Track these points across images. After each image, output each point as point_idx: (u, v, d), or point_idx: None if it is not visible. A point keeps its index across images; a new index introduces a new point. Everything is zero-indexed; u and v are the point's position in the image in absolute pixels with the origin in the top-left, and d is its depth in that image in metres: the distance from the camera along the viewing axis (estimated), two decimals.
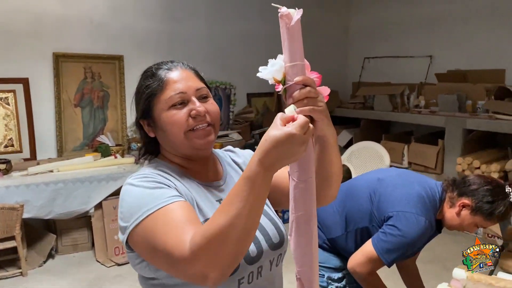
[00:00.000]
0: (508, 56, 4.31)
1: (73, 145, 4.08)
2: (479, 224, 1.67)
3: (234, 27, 5.00)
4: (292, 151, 0.76)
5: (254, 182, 0.76)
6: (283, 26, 0.83)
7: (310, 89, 0.82)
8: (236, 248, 0.79)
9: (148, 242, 0.87)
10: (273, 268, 1.03)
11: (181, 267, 0.82)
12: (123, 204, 0.95)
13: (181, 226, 0.84)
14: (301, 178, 0.84)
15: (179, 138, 0.99)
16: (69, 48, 3.99)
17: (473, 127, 4.01)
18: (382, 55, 5.51)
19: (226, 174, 1.10)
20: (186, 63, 1.07)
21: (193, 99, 0.99)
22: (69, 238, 3.73)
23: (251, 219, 0.78)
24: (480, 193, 1.62)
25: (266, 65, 0.97)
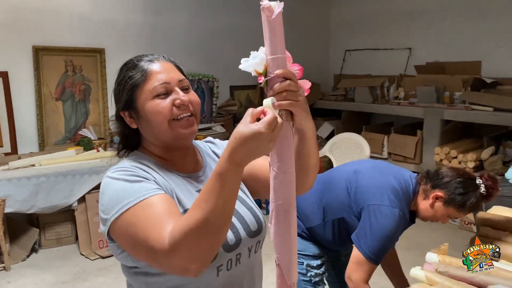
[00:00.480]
0: (483, 49, 4.42)
1: (55, 139, 4.06)
2: (451, 215, 1.73)
3: (216, 19, 5.01)
4: (260, 148, 0.78)
5: (225, 178, 0.80)
6: (265, 19, 0.84)
7: (290, 83, 0.83)
8: (213, 240, 0.82)
9: (128, 235, 0.90)
10: (251, 255, 1.07)
11: (162, 261, 0.85)
12: (103, 197, 0.97)
13: (160, 220, 0.86)
14: (281, 169, 0.86)
15: (163, 127, 1.00)
16: (49, 41, 3.95)
17: (451, 117, 4.11)
18: (362, 47, 5.58)
19: (205, 165, 1.13)
20: (167, 56, 1.09)
21: (176, 89, 1.02)
22: (52, 232, 3.73)
23: (225, 212, 0.82)
24: (453, 185, 1.68)
25: (249, 57, 1.00)
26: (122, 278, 1.10)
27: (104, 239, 3.66)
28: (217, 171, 0.81)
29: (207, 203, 0.80)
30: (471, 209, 1.69)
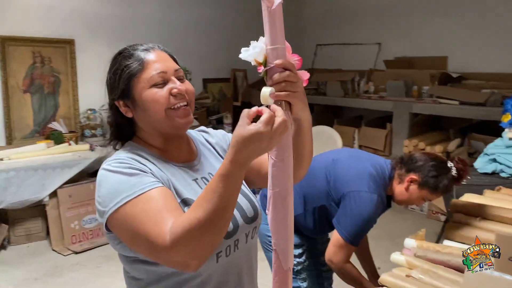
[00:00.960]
0: (450, 44, 4.58)
1: (23, 132, 3.94)
2: (425, 197, 1.80)
3: (189, 12, 4.97)
4: (262, 147, 0.80)
5: (228, 179, 0.81)
6: (265, 9, 0.85)
7: (289, 73, 0.85)
8: (214, 239, 0.84)
9: (128, 228, 0.90)
10: (248, 241, 1.09)
11: (162, 255, 0.86)
12: (100, 189, 0.97)
13: (160, 215, 0.87)
14: (279, 157, 0.88)
15: (160, 115, 1.01)
16: (16, 31, 3.82)
17: (419, 111, 4.25)
18: (333, 42, 5.67)
19: (200, 154, 1.14)
20: (162, 46, 1.09)
21: (173, 78, 1.03)
22: (22, 228, 3.62)
23: (226, 212, 0.84)
24: (426, 168, 1.75)
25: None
26: (96, 273, 1.10)
27: (77, 234, 3.60)
28: (220, 173, 0.82)
29: (210, 203, 0.82)
30: (444, 191, 1.76)
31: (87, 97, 4.28)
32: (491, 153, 2.34)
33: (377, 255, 3.39)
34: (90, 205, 3.68)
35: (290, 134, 0.88)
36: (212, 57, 5.11)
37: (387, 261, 3.36)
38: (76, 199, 3.61)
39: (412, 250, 1.55)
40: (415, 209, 4.38)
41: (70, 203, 3.57)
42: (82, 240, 3.62)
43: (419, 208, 4.34)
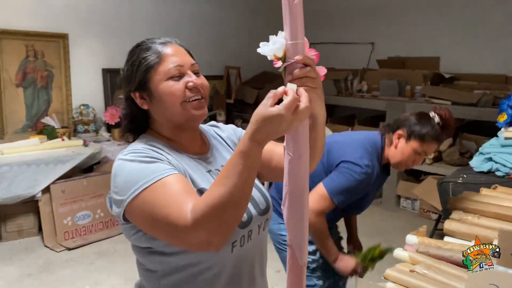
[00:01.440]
0: (442, 45, 4.63)
1: (15, 127, 3.89)
2: (417, 149, 1.81)
3: (182, 8, 4.95)
4: (280, 129, 0.81)
5: (247, 156, 0.83)
6: (285, 3, 0.84)
7: (310, 69, 0.85)
8: (234, 215, 0.86)
9: (147, 214, 0.91)
10: (260, 232, 1.11)
11: (184, 236, 0.86)
12: (117, 179, 0.97)
13: (180, 197, 0.89)
14: (296, 154, 0.88)
15: (176, 107, 1.03)
16: (9, 25, 3.76)
17: (412, 110, 4.28)
18: (326, 41, 5.69)
19: (212, 147, 1.16)
20: (178, 41, 1.11)
21: (189, 72, 1.05)
22: (14, 223, 3.58)
23: (246, 187, 0.85)
24: (409, 121, 1.82)
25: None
26: (90, 270, 1.10)
27: (70, 230, 3.57)
28: (239, 149, 0.83)
29: (230, 179, 0.83)
30: (433, 138, 1.80)
31: (80, 92, 4.24)
32: (486, 152, 2.38)
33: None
34: (83, 201, 3.65)
35: (307, 131, 0.89)
36: (205, 54, 5.09)
37: None
38: (69, 195, 3.57)
39: (414, 246, 1.57)
40: (406, 207, 4.44)
41: (63, 199, 3.54)
42: (74, 236, 3.59)
43: (410, 207, 4.39)
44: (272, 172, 1.17)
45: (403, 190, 4.40)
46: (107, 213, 3.79)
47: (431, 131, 1.78)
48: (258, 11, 5.65)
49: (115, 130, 4.19)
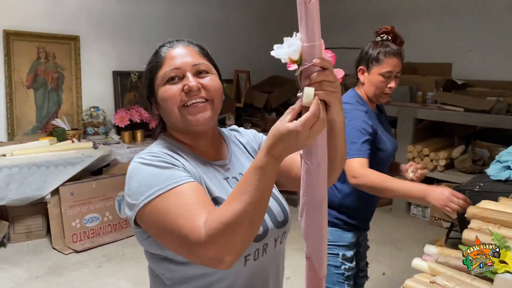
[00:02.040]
0: (454, 51, 4.59)
1: (25, 128, 3.89)
2: (380, 72, 1.83)
3: (194, 11, 4.94)
4: (298, 145, 0.79)
5: (264, 171, 0.80)
6: (301, 2, 0.80)
7: (328, 72, 0.81)
8: (248, 233, 0.83)
9: (159, 222, 0.88)
10: (277, 245, 1.07)
11: (196, 251, 0.83)
12: (131, 182, 0.95)
13: (193, 209, 0.85)
14: (314, 162, 0.84)
15: (174, 113, 1.00)
16: (22, 26, 3.78)
17: (424, 117, 4.25)
18: (337, 46, 5.65)
19: (231, 153, 1.12)
20: (191, 40, 1.08)
21: (187, 74, 1.00)
22: (22, 225, 3.57)
23: (262, 204, 0.82)
24: (362, 53, 1.90)
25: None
26: (98, 273, 1.09)
27: (78, 232, 3.55)
28: (255, 165, 0.81)
29: (245, 196, 0.80)
30: (387, 54, 1.83)
31: (90, 94, 4.24)
32: (504, 160, 2.33)
33: (381, 260, 3.40)
34: (92, 204, 3.64)
35: (325, 139, 0.85)
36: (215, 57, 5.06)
37: (391, 266, 3.37)
38: (78, 197, 3.56)
39: (434, 256, 1.53)
40: (417, 215, 4.38)
41: (72, 201, 3.53)
42: (83, 239, 3.57)
43: (421, 214, 4.34)
44: (292, 181, 1.12)
45: None
46: (116, 216, 3.77)
47: (383, 49, 1.83)
48: (269, 15, 5.64)
49: (125, 132, 4.18)
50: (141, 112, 4.28)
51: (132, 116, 4.20)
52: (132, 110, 4.27)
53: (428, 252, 1.57)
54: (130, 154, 3.94)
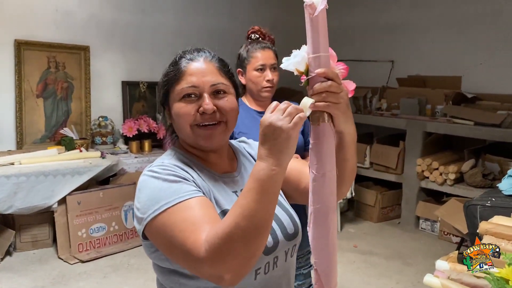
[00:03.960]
0: (464, 64, 4.56)
1: (34, 137, 3.90)
2: (253, 67, 1.87)
3: (203, 22, 4.97)
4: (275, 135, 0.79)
5: (257, 178, 0.79)
6: (307, 16, 0.82)
7: (331, 83, 0.81)
8: (245, 248, 0.79)
9: (165, 237, 0.87)
10: (288, 259, 1.05)
11: (197, 267, 0.83)
12: (140, 195, 0.94)
13: (198, 224, 0.84)
14: (320, 171, 0.84)
15: (186, 130, 1.00)
16: (33, 36, 3.82)
17: (433, 130, 4.21)
18: (346, 58, 5.65)
19: (240, 166, 1.11)
20: (213, 54, 1.06)
21: (204, 95, 0.99)
22: (29, 234, 3.57)
23: (261, 215, 0.79)
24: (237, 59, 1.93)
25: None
26: (103, 283, 1.07)
27: (84, 242, 3.54)
28: (251, 173, 0.82)
29: (242, 207, 0.79)
30: (256, 49, 1.90)
31: (99, 104, 4.26)
32: None
33: (389, 275, 3.35)
34: (98, 213, 3.63)
35: (333, 148, 0.85)
36: None
37: (400, 282, 3.31)
38: (85, 206, 3.55)
39: (446, 272, 1.49)
40: (425, 229, 4.32)
41: (79, 211, 3.52)
42: (89, 249, 3.56)
43: (430, 229, 4.28)
44: (301, 194, 1.10)
45: (423, 211, 4.29)
46: (122, 226, 3.76)
47: (251, 46, 1.90)
48: (277, 27, 5.64)
49: (133, 142, 4.18)
50: (149, 122, 4.29)
51: (140, 126, 4.21)
52: (140, 120, 4.28)
53: (440, 268, 1.54)
54: (137, 164, 3.94)
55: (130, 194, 3.76)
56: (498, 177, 3.79)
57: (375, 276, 3.38)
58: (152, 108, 4.58)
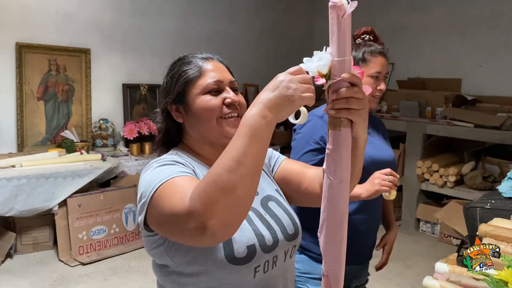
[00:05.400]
0: (464, 67, 4.58)
1: (35, 140, 3.91)
2: (368, 74, 1.66)
3: (203, 25, 4.99)
4: (281, 93, 0.78)
5: (249, 124, 0.78)
6: (334, 17, 0.79)
7: (358, 89, 0.79)
8: (234, 192, 0.75)
9: (157, 210, 0.87)
10: (287, 259, 1.05)
11: (182, 224, 0.79)
12: (141, 185, 0.94)
13: (186, 189, 0.82)
14: (337, 178, 0.83)
15: (211, 123, 1.01)
16: (33, 39, 3.83)
17: (433, 132, 4.22)
18: None
19: None
20: (220, 57, 1.12)
21: (227, 88, 1.04)
22: (29, 236, 3.57)
23: (250, 159, 0.76)
24: None
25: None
26: (104, 286, 1.07)
27: (85, 244, 3.54)
28: (243, 121, 0.79)
29: (228, 152, 0.77)
30: (373, 53, 1.67)
31: (99, 107, 4.27)
32: None
33: (389, 277, 3.35)
34: (99, 216, 3.63)
35: (350, 154, 0.84)
36: None
37: (400, 284, 3.31)
38: (85, 209, 3.56)
39: (445, 274, 1.50)
40: (426, 231, 4.33)
41: (79, 213, 3.52)
42: (89, 251, 3.56)
43: (430, 231, 4.28)
44: (302, 196, 1.12)
45: (423, 213, 4.29)
46: (123, 229, 3.76)
47: (367, 48, 1.68)
48: (277, 29, 5.67)
49: (133, 145, 4.19)
50: (149, 125, 4.30)
51: (141, 128, 4.22)
52: (140, 122, 4.29)
53: (439, 271, 1.54)
54: (138, 167, 3.95)
55: (130, 196, 3.76)
56: (498, 179, 3.80)
57: (375, 278, 3.37)
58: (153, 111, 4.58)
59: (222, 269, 0.93)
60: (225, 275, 0.94)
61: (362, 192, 1.54)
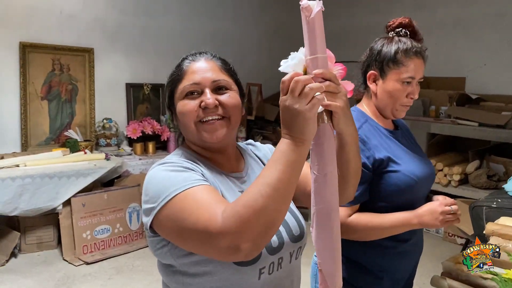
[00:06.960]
0: (468, 65, 4.55)
1: (39, 139, 3.92)
2: (400, 77, 1.40)
3: (206, 25, 4.98)
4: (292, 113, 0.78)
5: (283, 151, 0.80)
6: (304, 18, 0.82)
7: (329, 83, 0.81)
8: (269, 217, 0.79)
9: (176, 221, 0.86)
10: (292, 261, 1.05)
11: (213, 240, 0.80)
12: (149, 187, 0.94)
13: (211, 204, 0.84)
14: (321, 172, 0.84)
15: (191, 128, 1.00)
16: (37, 39, 3.83)
17: (437, 131, 4.20)
18: (348, 59, 5.63)
19: (247, 167, 1.11)
20: (214, 54, 1.08)
21: (205, 90, 1.00)
22: (34, 236, 3.58)
23: (285, 184, 0.79)
24: (372, 54, 1.46)
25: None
26: (108, 285, 1.07)
27: (89, 244, 3.55)
28: (276, 148, 0.83)
29: (263, 178, 0.80)
30: (408, 53, 1.40)
31: (103, 106, 4.27)
32: None
33: None
34: (103, 215, 3.63)
35: (333, 148, 0.85)
36: None
37: None
38: (90, 208, 3.56)
39: (453, 274, 1.49)
40: (430, 230, 4.31)
41: (83, 213, 3.53)
42: (93, 250, 3.56)
43: (435, 230, 4.26)
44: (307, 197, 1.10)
45: None
46: (127, 228, 3.76)
47: (402, 46, 1.40)
48: (281, 28, 5.66)
49: (137, 144, 4.19)
50: (153, 124, 4.30)
51: (144, 128, 4.22)
52: (144, 122, 4.29)
53: (447, 270, 1.53)
54: (141, 166, 3.95)
55: (134, 196, 3.77)
56: (503, 178, 3.78)
57: None
58: (156, 110, 4.60)
59: (227, 270, 0.93)
60: (230, 276, 0.93)
61: (423, 223, 1.36)
